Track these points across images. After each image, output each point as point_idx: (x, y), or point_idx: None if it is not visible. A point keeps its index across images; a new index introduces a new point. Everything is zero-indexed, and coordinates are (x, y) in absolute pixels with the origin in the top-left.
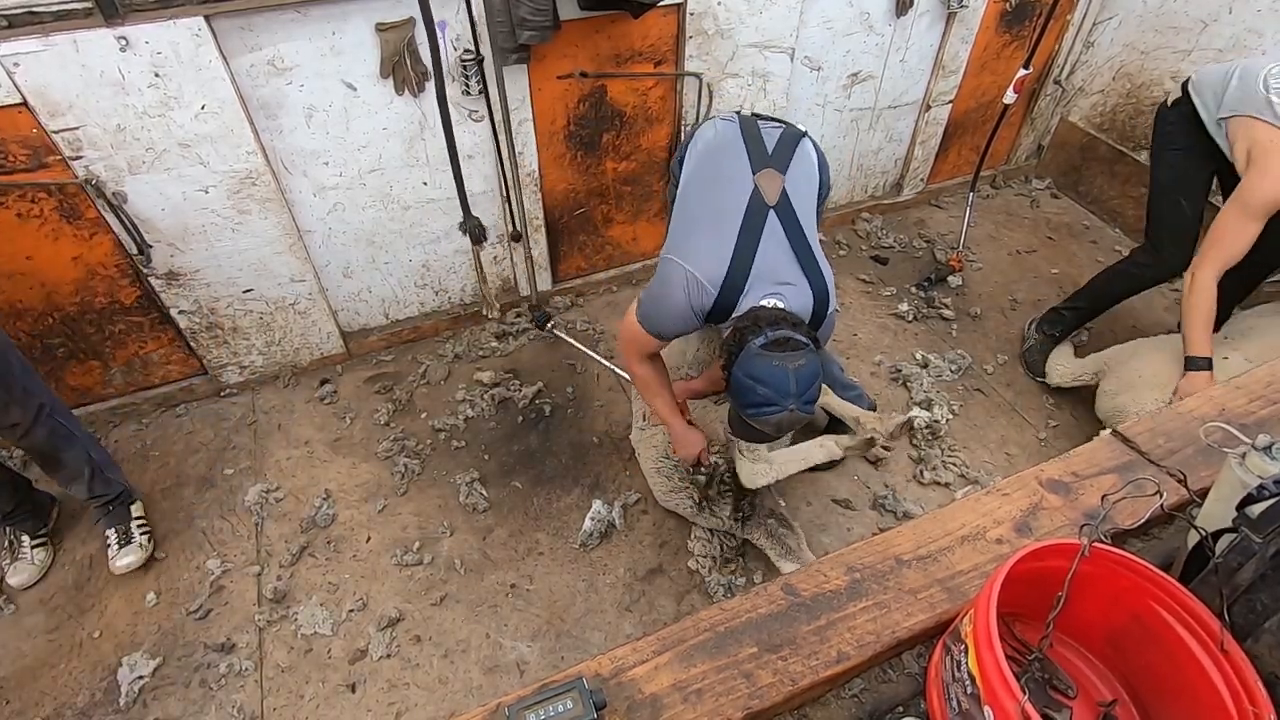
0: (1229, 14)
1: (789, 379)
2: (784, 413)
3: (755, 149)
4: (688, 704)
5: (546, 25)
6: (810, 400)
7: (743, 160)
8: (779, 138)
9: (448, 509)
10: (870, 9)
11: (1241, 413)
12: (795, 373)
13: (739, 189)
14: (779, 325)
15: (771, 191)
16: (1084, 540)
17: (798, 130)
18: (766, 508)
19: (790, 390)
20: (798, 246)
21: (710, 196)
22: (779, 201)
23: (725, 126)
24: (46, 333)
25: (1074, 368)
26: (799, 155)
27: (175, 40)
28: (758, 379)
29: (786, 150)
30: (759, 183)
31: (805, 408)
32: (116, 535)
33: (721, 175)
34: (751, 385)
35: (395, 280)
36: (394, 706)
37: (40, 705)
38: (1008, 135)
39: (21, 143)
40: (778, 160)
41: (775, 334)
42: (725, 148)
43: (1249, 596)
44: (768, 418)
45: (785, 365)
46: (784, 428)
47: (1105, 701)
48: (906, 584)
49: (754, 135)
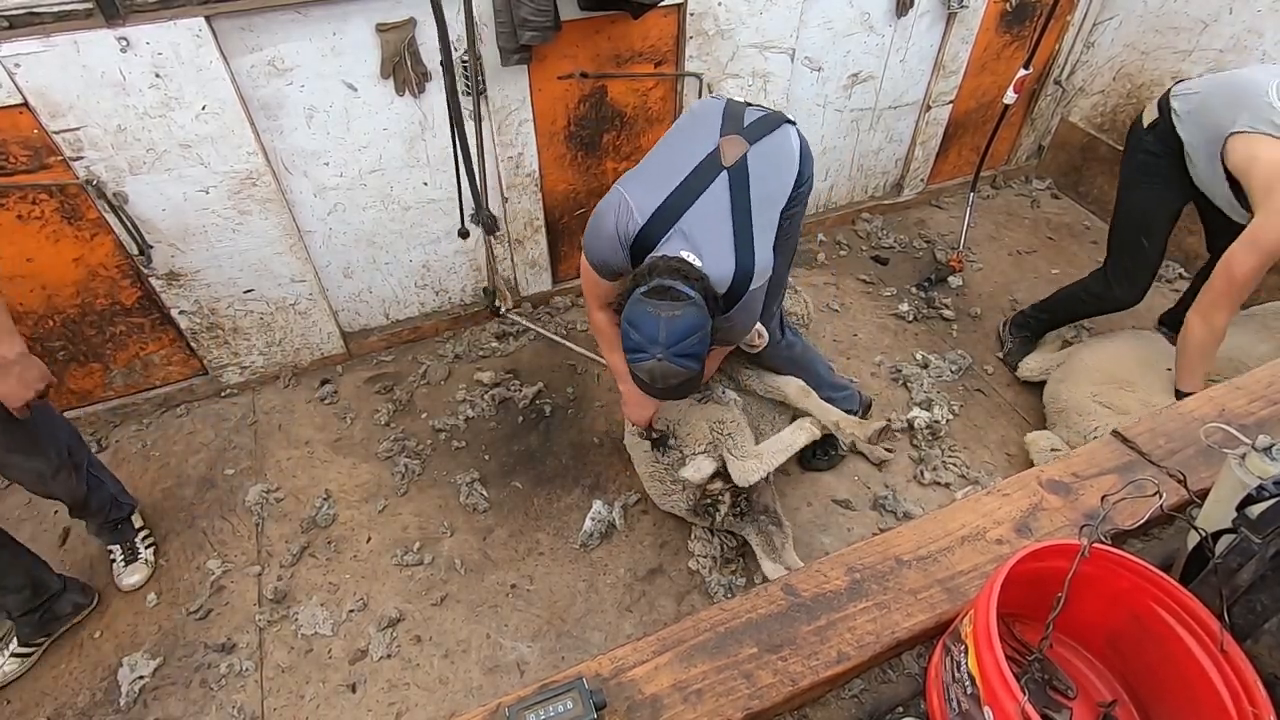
0: (1229, 14)
1: (659, 327)
2: (651, 360)
3: (731, 119)
4: (688, 704)
5: (547, 26)
6: (684, 354)
7: (715, 124)
8: (759, 117)
9: (448, 509)
10: (870, 9)
11: (1241, 413)
12: (668, 322)
13: (701, 145)
14: (671, 275)
15: (731, 155)
16: (1084, 541)
17: (783, 116)
18: (762, 503)
19: (658, 338)
20: (739, 218)
21: (672, 146)
22: (735, 165)
23: (711, 101)
24: (47, 335)
25: (1042, 362)
26: (776, 136)
27: (176, 41)
28: (633, 323)
29: (762, 128)
30: (722, 145)
31: (677, 360)
32: (122, 551)
33: (690, 132)
34: (628, 330)
35: (395, 280)
36: (394, 707)
37: (41, 705)
38: (1008, 136)
39: (22, 143)
40: (750, 132)
41: (660, 281)
42: (702, 115)
43: (1249, 597)
44: (640, 363)
45: (658, 313)
46: (656, 378)
47: (1105, 702)
48: (906, 584)
49: (735, 110)
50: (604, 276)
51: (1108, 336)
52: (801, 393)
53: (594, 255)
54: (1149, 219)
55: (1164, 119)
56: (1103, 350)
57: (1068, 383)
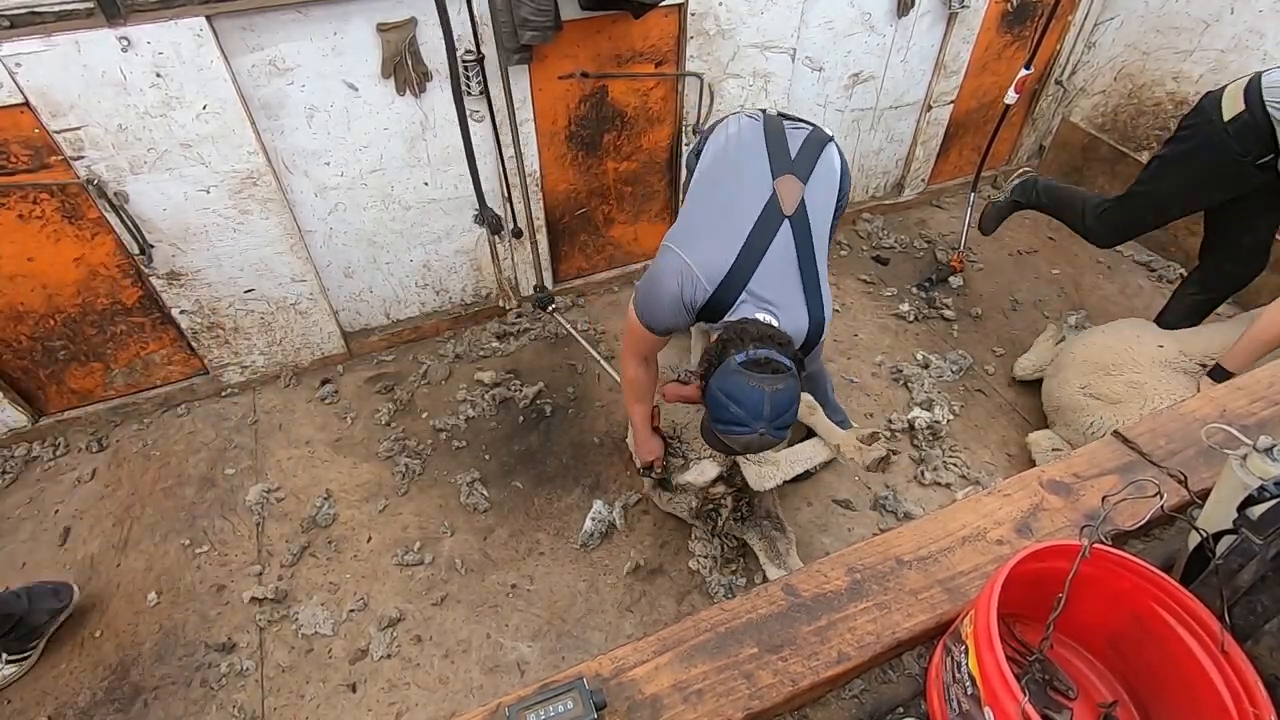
0: (1230, 14)
1: (764, 402)
2: (753, 435)
3: (777, 151)
4: (688, 704)
5: (548, 25)
6: (782, 426)
7: (763, 162)
8: (804, 141)
9: (448, 509)
10: (871, 9)
11: (1243, 414)
12: (771, 396)
13: (756, 191)
14: (764, 343)
15: (790, 200)
16: (1084, 541)
17: (824, 134)
18: (764, 508)
19: (764, 414)
20: (805, 265)
21: (724, 193)
22: (796, 212)
23: (749, 124)
24: (48, 335)
25: (1036, 360)
26: (822, 162)
27: (177, 40)
28: (732, 396)
29: (810, 156)
30: (778, 188)
31: (776, 433)
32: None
33: (739, 173)
34: (725, 402)
35: (396, 280)
36: (394, 706)
37: (41, 705)
38: (1009, 136)
39: (23, 143)
40: (800, 167)
41: (758, 353)
42: (747, 146)
43: (1249, 598)
44: (736, 436)
45: (762, 387)
46: (751, 449)
47: (1106, 703)
48: (907, 585)
49: (778, 136)
50: (659, 335)
51: (1095, 330)
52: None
53: (651, 318)
54: (1172, 207)
55: (1254, 115)
56: (1090, 342)
57: (1058, 379)
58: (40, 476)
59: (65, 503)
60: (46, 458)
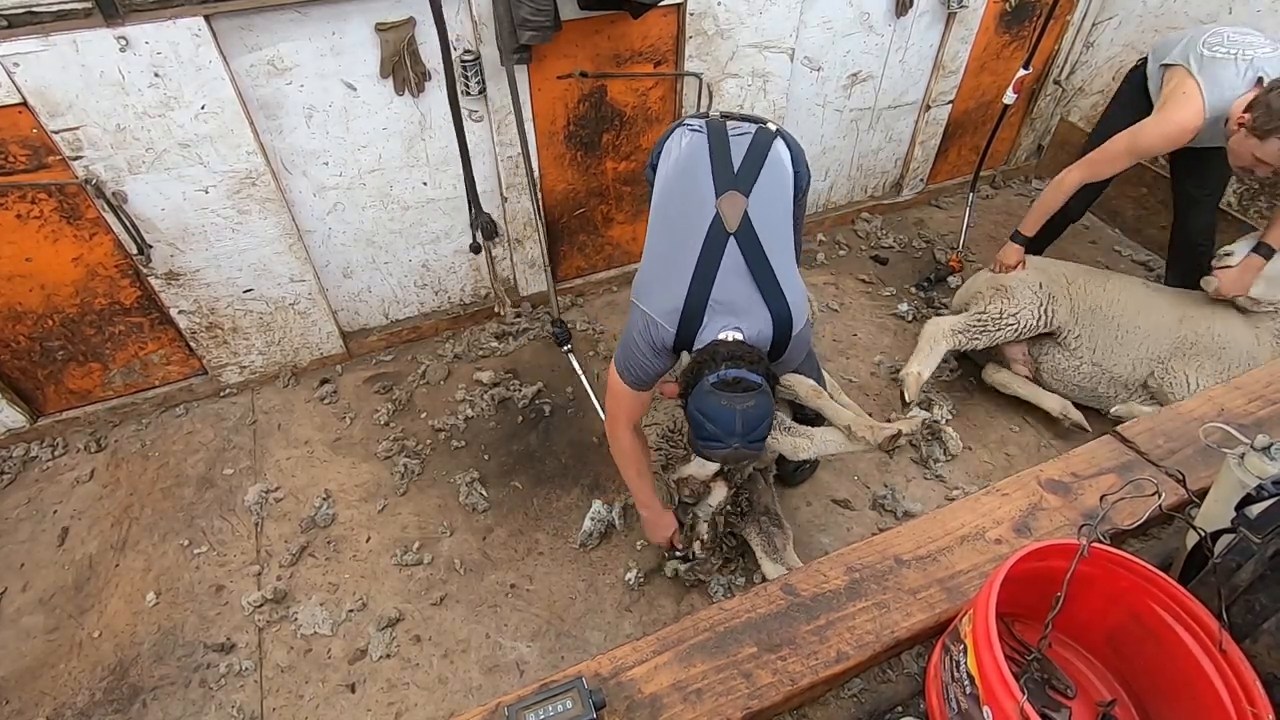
0: (1229, 14)
1: (735, 420)
2: (729, 449)
3: (721, 166)
4: (687, 704)
5: (547, 25)
6: (756, 440)
7: (707, 181)
8: (747, 148)
9: (448, 509)
10: (870, 9)
11: (1240, 413)
12: (743, 414)
13: (699, 216)
14: (734, 364)
15: (733, 217)
16: (1083, 540)
17: (768, 132)
18: (763, 504)
19: (736, 430)
20: (758, 272)
21: (671, 225)
22: (740, 227)
23: (694, 139)
24: (46, 335)
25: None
26: (769, 165)
27: (175, 40)
28: (707, 415)
29: (754, 164)
30: (720, 207)
31: (751, 446)
32: None
33: (684, 201)
34: (701, 421)
35: (395, 280)
36: (394, 706)
37: (40, 705)
38: (1007, 135)
39: (21, 143)
40: (743, 179)
41: (728, 373)
42: (688, 171)
43: (1248, 597)
44: (715, 451)
45: (733, 406)
46: (730, 462)
47: (1104, 701)
48: (906, 584)
49: (721, 148)
50: (644, 390)
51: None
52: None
53: (631, 375)
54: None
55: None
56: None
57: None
58: (39, 477)
59: (64, 503)
60: (45, 458)
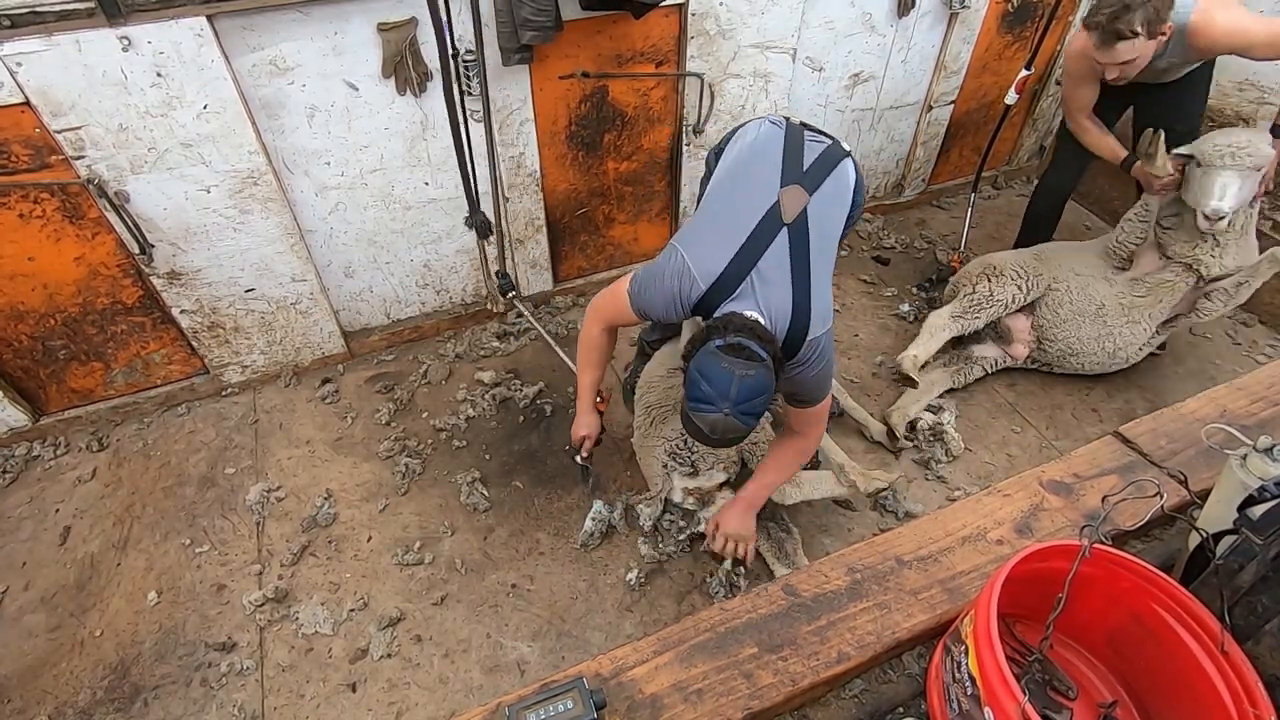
0: None
1: (731, 384)
2: (718, 414)
3: (791, 161)
4: (688, 704)
5: (549, 25)
6: (749, 412)
7: (775, 170)
8: (819, 155)
9: (449, 509)
10: (872, 10)
11: (1243, 414)
12: (740, 380)
13: (760, 198)
14: (745, 334)
15: (791, 209)
16: (1084, 541)
17: (842, 150)
18: (768, 510)
19: (729, 394)
20: (798, 269)
21: (731, 197)
22: (795, 220)
23: (770, 130)
24: (48, 334)
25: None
26: (835, 176)
27: (177, 40)
28: (704, 375)
29: (823, 170)
30: (782, 197)
31: (741, 417)
32: None
33: (749, 179)
34: (698, 379)
35: (396, 280)
36: (394, 706)
37: (42, 704)
38: (1009, 136)
39: (24, 142)
40: (810, 179)
41: (735, 339)
42: (762, 153)
43: (1250, 598)
44: (703, 414)
45: (733, 370)
46: (717, 430)
47: (1105, 702)
48: (907, 584)
49: (795, 147)
50: (639, 319)
51: None
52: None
53: (642, 305)
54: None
55: None
56: None
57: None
58: (40, 476)
59: (66, 502)
60: (47, 457)
